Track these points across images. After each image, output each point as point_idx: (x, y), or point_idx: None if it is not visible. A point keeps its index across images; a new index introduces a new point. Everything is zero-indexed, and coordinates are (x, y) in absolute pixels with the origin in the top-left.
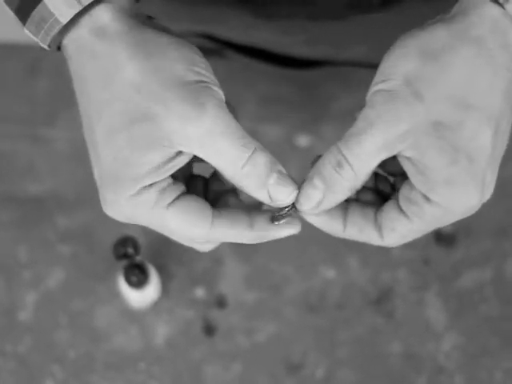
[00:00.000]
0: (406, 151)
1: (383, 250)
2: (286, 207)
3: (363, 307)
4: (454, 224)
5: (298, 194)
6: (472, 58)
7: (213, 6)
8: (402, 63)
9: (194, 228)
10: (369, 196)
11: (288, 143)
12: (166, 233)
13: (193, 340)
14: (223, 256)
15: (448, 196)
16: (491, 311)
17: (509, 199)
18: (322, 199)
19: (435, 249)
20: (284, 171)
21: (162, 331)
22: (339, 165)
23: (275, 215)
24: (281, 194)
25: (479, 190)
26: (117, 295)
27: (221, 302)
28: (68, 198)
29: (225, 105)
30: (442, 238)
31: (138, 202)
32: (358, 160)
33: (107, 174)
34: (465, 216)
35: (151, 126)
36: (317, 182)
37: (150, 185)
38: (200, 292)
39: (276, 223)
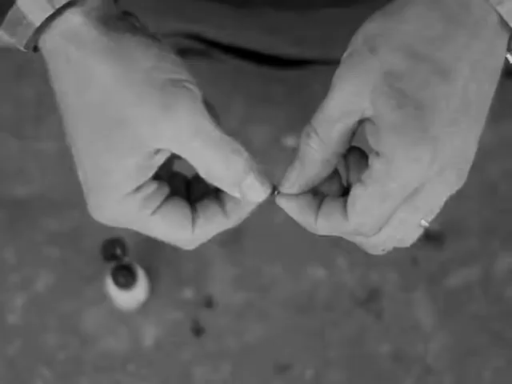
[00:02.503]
0: (368, 110)
1: None
2: None
3: (352, 308)
4: (441, 223)
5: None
6: (426, 12)
7: (200, 3)
8: (363, 27)
9: (177, 233)
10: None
11: (276, 144)
12: (152, 236)
13: (181, 341)
14: (211, 257)
15: (393, 143)
16: (479, 310)
17: (496, 198)
18: (297, 177)
19: (423, 248)
20: (259, 169)
21: (150, 333)
22: (307, 135)
23: None
24: (254, 195)
25: (428, 143)
26: (105, 297)
27: (209, 303)
28: (55, 200)
29: (200, 103)
30: (430, 237)
31: (122, 209)
32: (322, 126)
33: (90, 181)
34: (415, 178)
35: (124, 131)
36: (295, 162)
37: (135, 191)
38: (188, 293)
39: None
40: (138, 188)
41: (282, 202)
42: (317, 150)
